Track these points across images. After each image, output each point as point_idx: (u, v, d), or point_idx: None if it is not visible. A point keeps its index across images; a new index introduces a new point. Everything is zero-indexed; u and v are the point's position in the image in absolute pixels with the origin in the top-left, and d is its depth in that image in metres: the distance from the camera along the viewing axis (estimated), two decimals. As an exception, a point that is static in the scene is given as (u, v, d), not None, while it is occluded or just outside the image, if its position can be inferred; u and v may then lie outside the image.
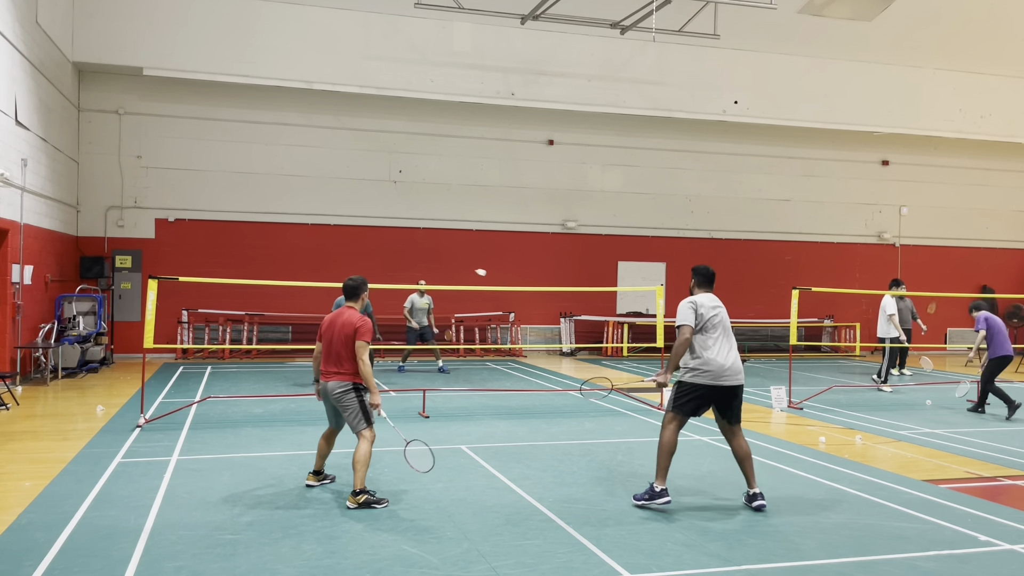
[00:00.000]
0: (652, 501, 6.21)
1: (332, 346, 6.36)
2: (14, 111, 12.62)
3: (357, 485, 6.14)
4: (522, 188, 19.93)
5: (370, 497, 6.16)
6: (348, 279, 6.65)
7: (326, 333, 6.43)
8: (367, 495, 6.15)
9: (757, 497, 6.28)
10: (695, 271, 6.90)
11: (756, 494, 6.31)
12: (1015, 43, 20.51)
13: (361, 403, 6.32)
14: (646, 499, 6.24)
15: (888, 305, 14.16)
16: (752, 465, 6.42)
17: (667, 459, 6.29)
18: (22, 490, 6.55)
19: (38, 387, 12.67)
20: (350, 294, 6.57)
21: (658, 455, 6.32)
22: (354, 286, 6.57)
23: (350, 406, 6.31)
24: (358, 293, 6.57)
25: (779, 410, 11.30)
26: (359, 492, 6.13)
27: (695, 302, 6.52)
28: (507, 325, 19.56)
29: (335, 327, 6.37)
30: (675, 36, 17.74)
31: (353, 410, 6.31)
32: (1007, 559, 5.24)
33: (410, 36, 17.57)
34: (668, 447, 6.30)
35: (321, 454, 6.74)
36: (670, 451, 6.30)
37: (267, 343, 17.74)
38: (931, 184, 22.82)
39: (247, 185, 18.24)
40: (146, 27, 16.22)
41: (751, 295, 21.18)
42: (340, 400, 6.32)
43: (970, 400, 11.78)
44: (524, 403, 11.76)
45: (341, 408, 6.35)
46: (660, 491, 6.21)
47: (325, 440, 6.71)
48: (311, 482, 6.76)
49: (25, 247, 13.15)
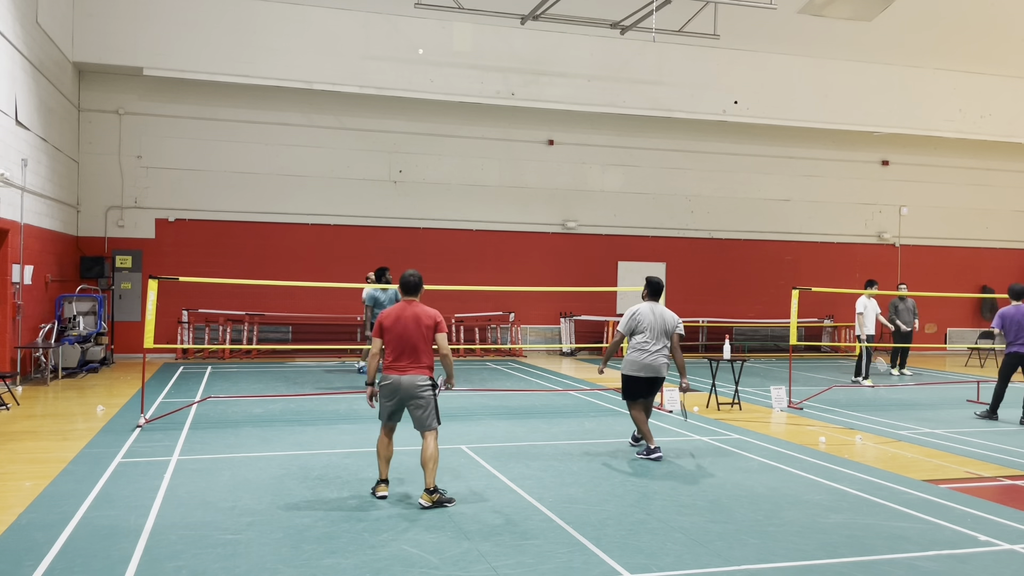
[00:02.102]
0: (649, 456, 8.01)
1: (407, 340, 6.20)
2: (14, 111, 12.62)
3: (431, 483, 6.07)
4: (522, 188, 19.93)
5: (443, 496, 6.14)
6: (410, 274, 6.46)
7: (395, 328, 6.22)
8: (439, 493, 6.13)
9: (636, 441, 8.58)
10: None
11: (638, 439, 8.56)
12: (1015, 43, 20.51)
13: (435, 399, 6.29)
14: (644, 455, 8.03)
15: (858, 304, 14.50)
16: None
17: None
18: (22, 490, 6.55)
19: (38, 387, 12.67)
20: (414, 290, 6.41)
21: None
22: (416, 283, 6.44)
23: (429, 402, 6.24)
24: (420, 288, 6.47)
25: (779, 410, 11.30)
26: (434, 490, 6.10)
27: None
28: (507, 325, 19.56)
29: (406, 321, 6.22)
30: (675, 36, 17.74)
31: (430, 406, 6.26)
32: (1007, 559, 5.24)
33: (410, 36, 17.57)
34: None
35: (388, 458, 6.45)
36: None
37: (267, 343, 17.74)
38: (931, 184, 22.82)
39: (247, 185, 18.24)
40: (146, 27, 16.22)
41: (751, 295, 21.20)
42: (419, 394, 6.19)
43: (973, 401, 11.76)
44: (524, 403, 11.76)
45: (417, 403, 6.22)
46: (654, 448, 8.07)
47: (390, 442, 6.46)
48: (384, 492, 6.38)
49: (25, 247, 13.15)
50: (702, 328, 20.84)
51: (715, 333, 20.49)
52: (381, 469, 6.45)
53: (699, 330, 20.84)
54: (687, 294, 20.48)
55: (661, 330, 8.05)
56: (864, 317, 14.45)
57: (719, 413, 11.05)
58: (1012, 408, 11.75)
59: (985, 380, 14.41)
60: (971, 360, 19.91)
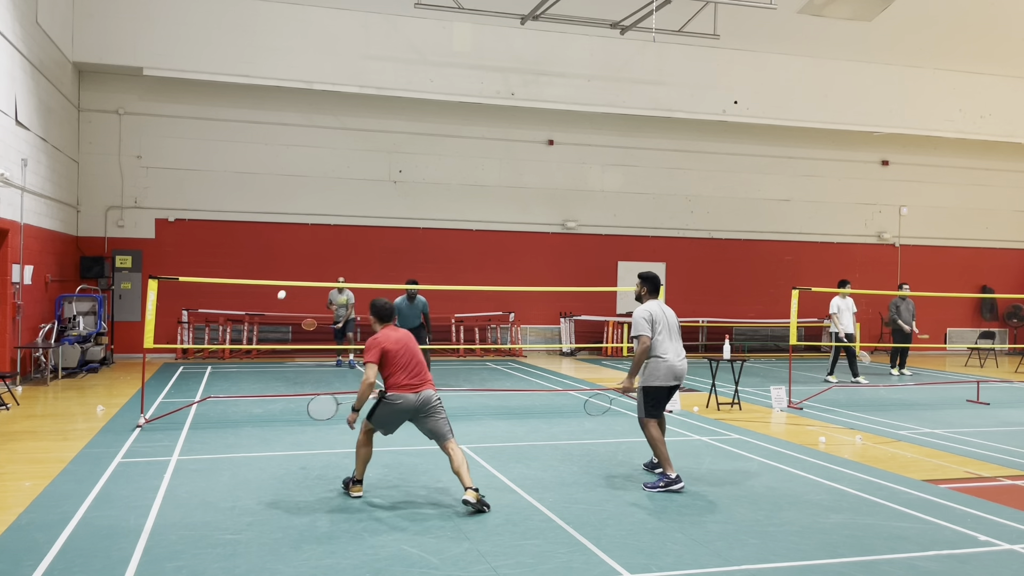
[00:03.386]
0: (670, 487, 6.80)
1: (416, 358, 6.47)
2: (14, 111, 12.62)
3: (471, 482, 6.13)
4: (522, 188, 19.93)
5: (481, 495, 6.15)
6: (385, 302, 6.77)
7: (402, 351, 6.42)
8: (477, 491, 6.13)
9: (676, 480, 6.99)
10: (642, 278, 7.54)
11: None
12: (1015, 43, 20.50)
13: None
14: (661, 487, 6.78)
15: (831, 305, 14.80)
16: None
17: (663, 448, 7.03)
18: (22, 490, 6.55)
19: (38, 387, 12.67)
20: (391, 316, 6.74)
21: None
22: (392, 309, 6.80)
23: (444, 411, 6.47)
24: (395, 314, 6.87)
25: (779, 410, 11.30)
26: (476, 488, 6.12)
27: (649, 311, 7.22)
28: (507, 325, 19.57)
29: (406, 342, 6.51)
30: (675, 36, 17.74)
31: (446, 416, 6.45)
32: (1007, 559, 5.24)
33: (410, 36, 17.57)
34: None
35: (368, 459, 6.61)
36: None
37: (267, 343, 17.74)
38: (931, 184, 22.82)
39: (247, 185, 18.24)
40: (146, 27, 16.22)
41: (751, 295, 21.19)
42: (437, 407, 6.41)
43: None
44: (524, 403, 11.76)
45: (437, 415, 6.39)
46: (675, 477, 6.85)
47: (370, 443, 6.59)
48: (360, 493, 6.51)
49: (25, 247, 13.15)
50: (702, 328, 20.84)
51: (715, 333, 20.50)
52: (360, 470, 6.55)
53: (699, 330, 20.84)
54: (687, 294, 20.48)
55: (676, 330, 7.30)
56: (838, 317, 14.63)
57: (719, 413, 11.05)
58: (1013, 408, 11.76)
59: (985, 380, 14.42)
60: (971, 360, 19.91)
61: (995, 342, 21.62)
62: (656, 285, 7.45)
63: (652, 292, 7.42)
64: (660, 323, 7.11)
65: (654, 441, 6.98)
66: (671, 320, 7.25)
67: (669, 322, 7.20)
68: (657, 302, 7.34)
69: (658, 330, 7.09)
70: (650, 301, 7.34)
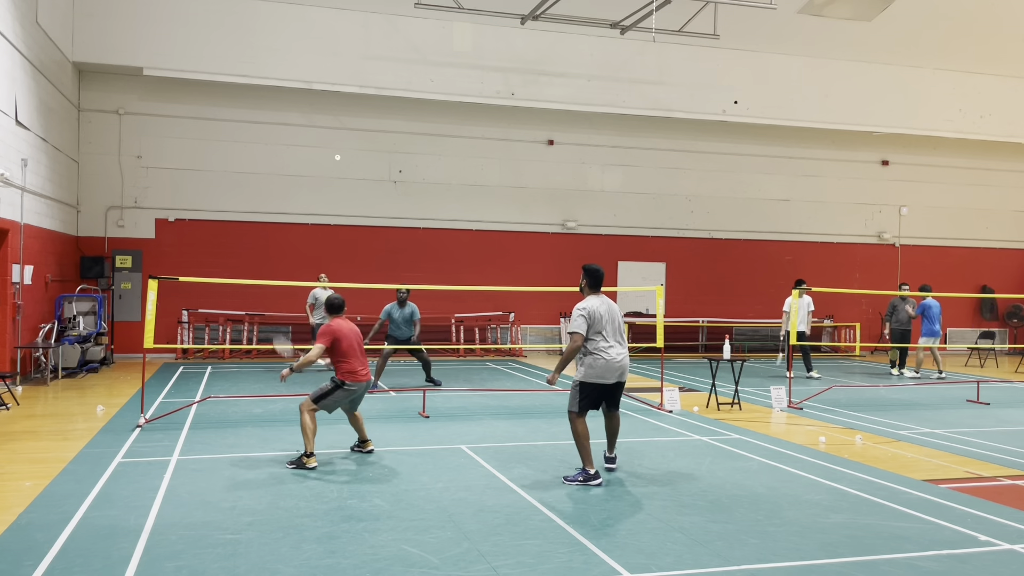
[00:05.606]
0: (587, 483, 6.94)
1: (360, 348, 7.76)
2: (14, 111, 12.63)
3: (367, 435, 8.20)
4: (522, 188, 19.93)
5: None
6: (336, 295, 8.06)
7: (357, 342, 7.75)
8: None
9: (611, 460, 7.54)
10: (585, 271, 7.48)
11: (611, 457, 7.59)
12: (1015, 43, 20.51)
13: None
14: (580, 480, 6.96)
15: (785, 304, 15.62)
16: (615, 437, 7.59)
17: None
18: (22, 490, 6.55)
19: (38, 387, 12.67)
20: (341, 308, 7.99)
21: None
22: (342, 302, 8.04)
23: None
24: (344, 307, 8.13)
25: (779, 410, 11.30)
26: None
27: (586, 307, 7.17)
28: (507, 325, 19.57)
29: (358, 334, 7.85)
30: (675, 36, 17.75)
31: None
32: (1007, 559, 5.24)
33: (410, 36, 17.58)
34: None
35: (315, 433, 7.66)
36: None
37: (267, 343, 17.73)
38: (931, 184, 22.82)
39: (247, 185, 18.24)
40: (146, 27, 16.22)
41: (751, 295, 21.19)
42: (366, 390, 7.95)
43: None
44: (524, 403, 11.76)
45: (363, 396, 7.93)
46: (593, 473, 7.00)
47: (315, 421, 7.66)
48: (315, 464, 7.50)
49: (25, 247, 13.15)
50: (702, 328, 20.84)
51: (715, 333, 20.50)
52: (311, 443, 7.52)
53: (699, 330, 20.84)
54: (687, 294, 20.49)
55: (618, 327, 7.13)
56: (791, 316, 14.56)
57: (719, 413, 11.05)
58: (1013, 408, 11.76)
59: (985, 380, 14.42)
60: (971, 360, 19.91)
61: (995, 342, 21.63)
62: (598, 279, 7.26)
63: (593, 286, 7.25)
64: (600, 320, 7.00)
65: (578, 436, 7.03)
66: (614, 316, 7.13)
67: (611, 319, 7.08)
68: (600, 297, 7.18)
69: (597, 327, 6.99)
70: (591, 296, 7.20)
